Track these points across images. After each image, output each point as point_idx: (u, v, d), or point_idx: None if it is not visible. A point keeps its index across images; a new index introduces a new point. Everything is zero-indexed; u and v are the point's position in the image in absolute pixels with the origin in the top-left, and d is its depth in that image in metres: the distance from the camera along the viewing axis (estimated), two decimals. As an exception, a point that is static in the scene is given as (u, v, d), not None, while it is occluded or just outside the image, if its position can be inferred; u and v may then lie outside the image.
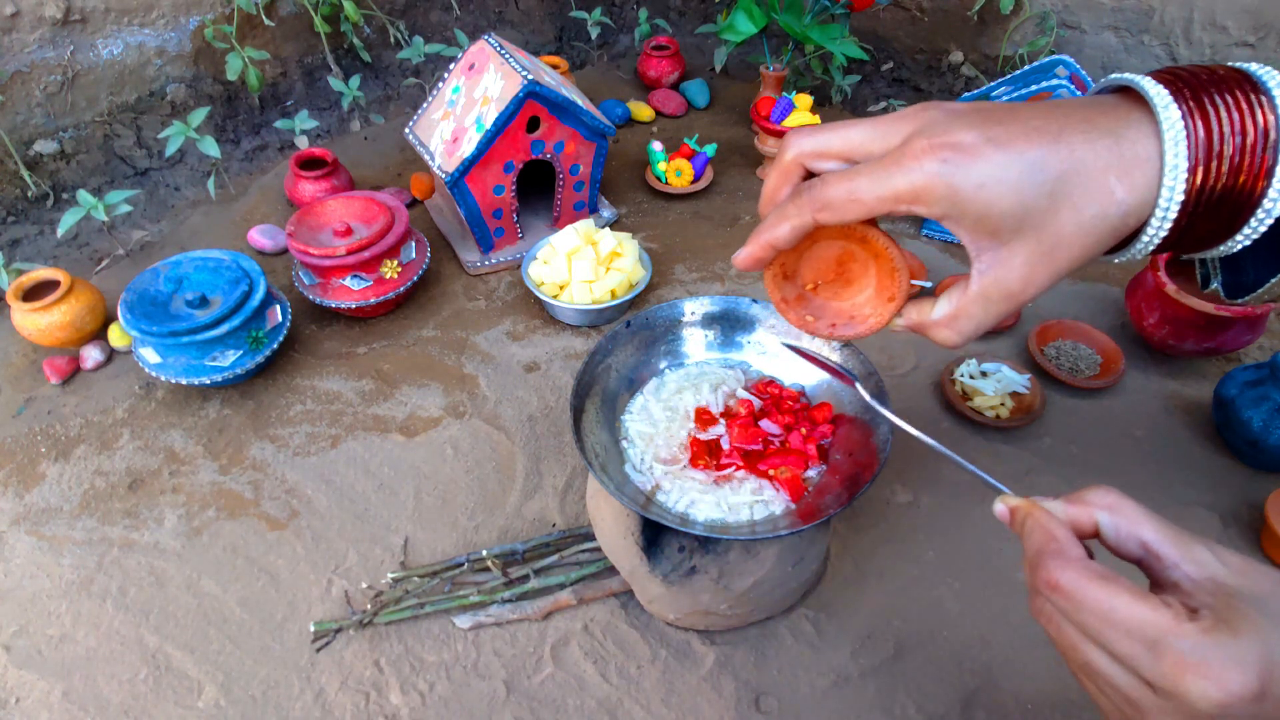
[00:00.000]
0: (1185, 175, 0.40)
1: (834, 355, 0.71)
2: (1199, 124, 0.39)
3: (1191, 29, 1.18)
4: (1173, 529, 0.37)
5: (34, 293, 0.94)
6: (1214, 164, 0.40)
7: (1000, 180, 0.40)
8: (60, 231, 1.02)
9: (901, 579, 0.73)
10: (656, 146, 1.24)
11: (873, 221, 0.45)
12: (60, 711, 0.65)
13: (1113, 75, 0.43)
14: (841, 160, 0.45)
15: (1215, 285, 0.49)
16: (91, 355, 0.95)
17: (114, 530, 0.79)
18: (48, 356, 0.95)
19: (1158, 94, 0.40)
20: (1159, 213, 0.41)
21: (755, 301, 0.76)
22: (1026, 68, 1.07)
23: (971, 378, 0.88)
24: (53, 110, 1.15)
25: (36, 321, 0.91)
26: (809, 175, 0.46)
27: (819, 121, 1.18)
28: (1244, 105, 0.40)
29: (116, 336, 0.96)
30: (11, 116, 1.11)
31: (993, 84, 1.09)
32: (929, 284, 0.83)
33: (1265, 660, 0.32)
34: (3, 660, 0.69)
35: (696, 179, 1.22)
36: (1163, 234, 0.42)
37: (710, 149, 1.24)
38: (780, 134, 1.18)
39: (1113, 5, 1.23)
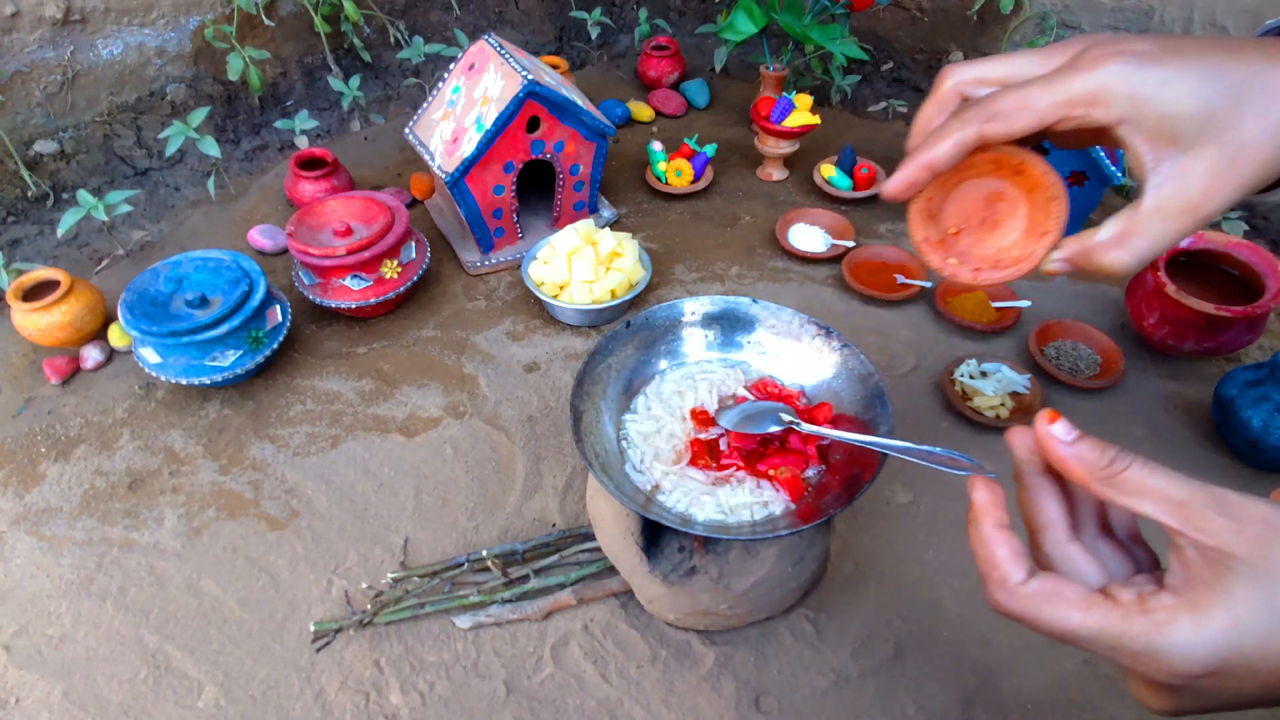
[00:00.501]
0: None
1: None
2: None
3: (1191, 29, 1.18)
4: (1180, 496, 0.36)
5: (34, 293, 0.94)
6: None
7: (1183, 80, 0.39)
8: (60, 231, 1.02)
9: (901, 579, 0.73)
10: (656, 146, 1.24)
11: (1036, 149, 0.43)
12: (60, 711, 0.65)
13: (1272, 20, 0.44)
14: (1003, 86, 0.42)
15: None
16: (91, 355, 0.95)
17: (114, 530, 0.79)
18: (48, 356, 0.95)
19: None
20: None
21: (755, 301, 0.76)
22: (1026, 68, 1.07)
23: (971, 378, 0.88)
24: (53, 110, 1.15)
25: (36, 321, 0.91)
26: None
27: (818, 121, 1.18)
28: None
29: (116, 336, 0.96)
30: (11, 116, 1.12)
31: (993, 84, 1.08)
32: (929, 284, 0.86)
33: (1224, 640, 0.32)
34: (3, 660, 0.69)
35: (696, 179, 1.22)
36: None
37: (710, 149, 1.24)
38: (780, 134, 1.18)
39: (1113, 5, 1.23)
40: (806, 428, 0.66)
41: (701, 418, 0.71)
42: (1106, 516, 0.42)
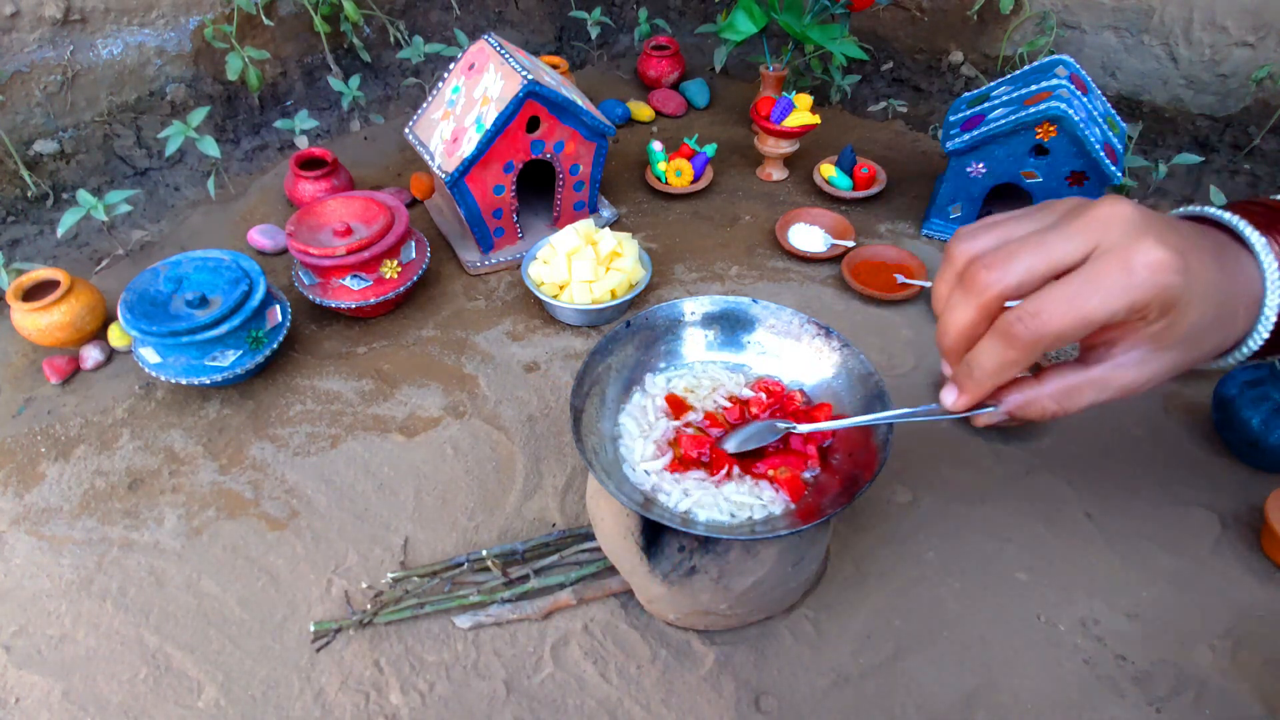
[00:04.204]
0: (1276, 311, 0.45)
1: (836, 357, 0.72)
2: None
3: (1191, 29, 1.18)
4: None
5: (34, 293, 0.94)
6: None
7: (1203, 297, 0.42)
8: (60, 231, 1.02)
9: (901, 579, 0.73)
10: (656, 146, 1.24)
11: None
12: (60, 711, 0.65)
13: (1206, 209, 0.47)
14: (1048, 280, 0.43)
15: None
16: (91, 355, 0.95)
17: (114, 530, 0.79)
18: (47, 356, 0.95)
19: (1252, 234, 0.45)
20: (1249, 340, 0.46)
21: (755, 301, 0.76)
22: (1026, 68, 1.07)
23: None
24: (53, 110, 1.15)
25: (36, 321, 0.91)
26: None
27: (818, 121, 1.18)
28: None
29: (116, 336, 0.96)
30: (11, 116, 1.11)
31: (993, 84, 1.09)
32: (928, 284, 0.87)
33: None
34: (3, 660, 0.69)
35: (696, 179, 1.22)
36: (1246, 355, 0.47)
37: (710, 149, 1.24)
38: (780, 134, 1.18)
39: (1113, 5, 1.23)
40: (803, 428, 0.67)
41: (675, 403, 0.71)
42: None
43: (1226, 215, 0.46)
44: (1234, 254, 0.45)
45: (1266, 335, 0.45)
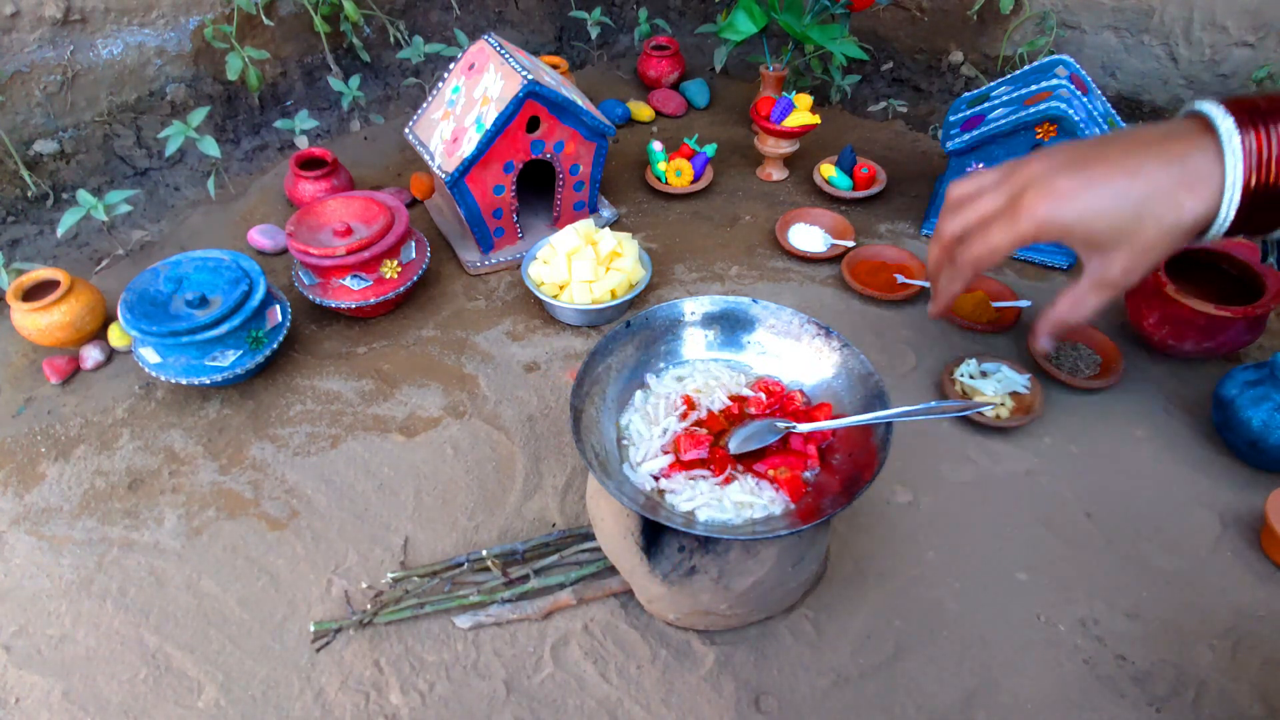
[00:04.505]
0: (1240, 185, 0.53)
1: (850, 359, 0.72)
2: (1253, 140, 0.52)
3: (1191, 29, 1.18)
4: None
5: (34, 293, 0.94)
6: (1264, 173, 0.52)
7: (1096, 210, 0.57)
8: (60, 231, 1.02)
9: (901, 579, 0.73)
10: (656, 146, 1.24)
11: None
12: (60, 711, 0.65)
13: (1192, 104, 0.57)
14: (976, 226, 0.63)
15: (1271, 260, 0.66)
16: (91, 355, 0.95)
17: (114, 530, 0.79)
18: (48, 356, 0.95)
19: (1222, 121, 0.53)
20: (1220, 215, 0.54)
21: (755, 301, 0.76)
22: (1026, 68, 1.07)
23: (971, 378, 0.88)
24: (53, 110, 1.15)
25: (36, 321, 0.91)
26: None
27: (818, 121, 1.18)
28: None
29: (116, 336, 0.96)
30: (11, 116, 1.11)
31: (993, 84, 1.09)
32: (928, 284, 0.87)
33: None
34: (3, 660, 0.69)
35: (696, 179, 1.22)
36: (1225, 228, 0.55)
37: (710, 149, 1.24)
38: (780, 134, 1.18)
39: (1113, 5, 1.23)
40: (803, 427, 0.67)
41: (687, 404, 0.72)
42: None
43: (1199, 104, 0.56)
44: (1183, 149, 0.55)
45: (1231, 211, 0.53)
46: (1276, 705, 0.64)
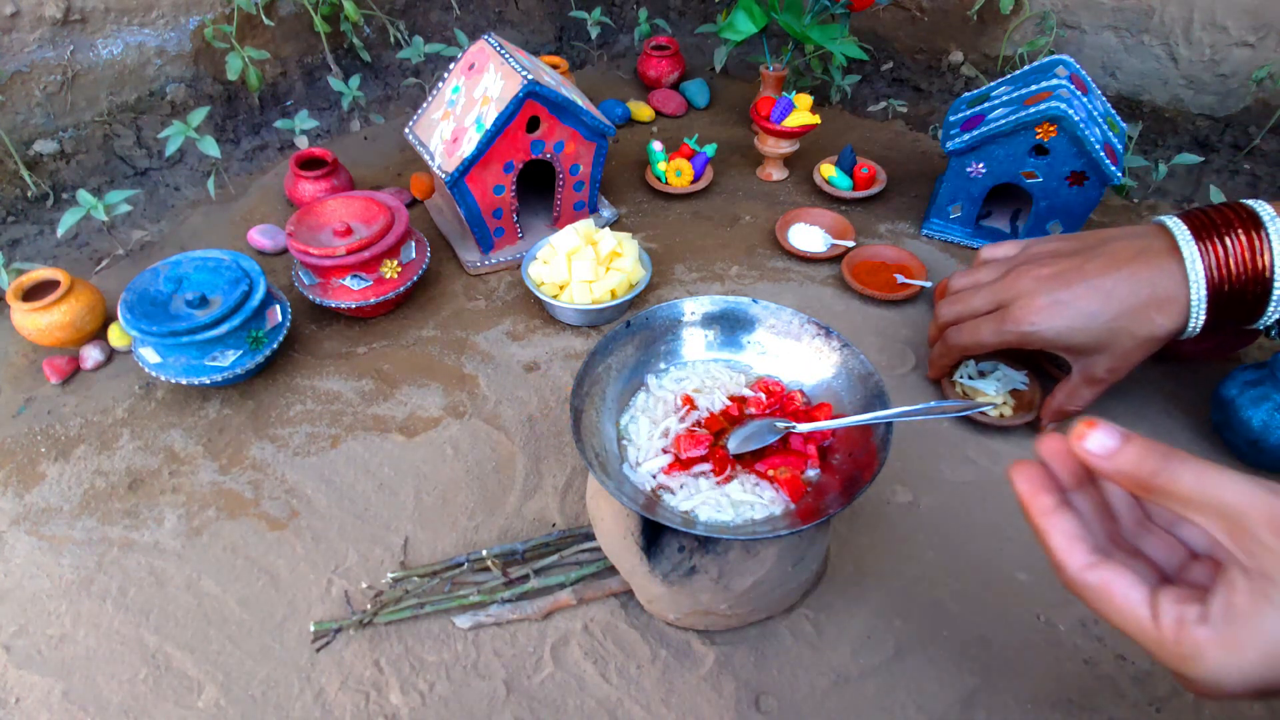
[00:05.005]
0: (1204, 304, 0.62)
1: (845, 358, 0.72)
2: (1209, 248, 0.60)
3: (1191, 29, 1.18)
4: (1236, 506, 0.34)
5: (34, 292, 0.94)
6: (1226, 287, 0.60)
7: (1075, 329, 0.68)
8: (60, 231, 1.02)
9: (901, 579, 0.73)
10: (656, 146, 1.24)
11: None
12: (60, 711, 0.65)
13: (1161, 218, 0.66)
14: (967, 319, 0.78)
15: (1275, 336, 0.69)
16: (91, 355, 0.95)
17: (114, 530, 0.79)
18: (48, 356, 0.95)
19: (1186, 246, 0.62)
20: (1189, 326, 0.64)
21: (756, 301, 0.76)
22: (1026, 68, 1.07)
23: (971, 378, 0.88)
24: (53, 110, 1.15)
25: (36, 321, 0.91)
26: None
27: (818, 121, 1.18)
28: (1248, 241, 0.60)
29: (116, 336, 0.96)
30: (11, 116, 1.12)
31: (993, 84, 1.09)
32: (928, 284, 0.87)
33: (1255, 673, 0.32)
34: (3, 660, 0.69)
35: (696, 179, 1.22)
36: (1197, 332, 0.65)
37: (710, 149, 1.24)
38: (780, 134, 1.18)
39: (1113, 5, 1.23)
40: (802, 427, 0.67)
41: (687, 404, 0.72)
42: (1115, 531, 0.42)
43: (1168, 220, 0.64)
44: (1152, 273, 0.63)
45: (1198, 325, 0.63)
46: (1277, 705, 0.64)
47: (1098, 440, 0.38)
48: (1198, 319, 0.61)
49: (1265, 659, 0.32)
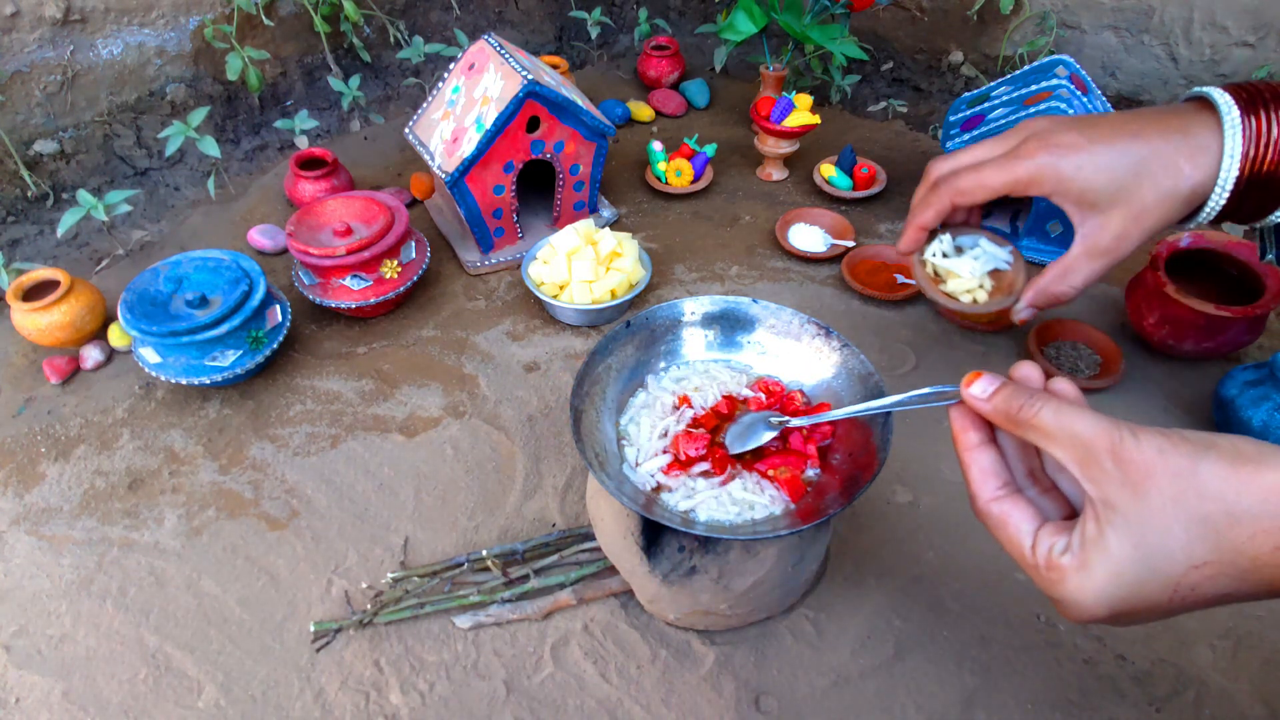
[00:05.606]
0: (1238, 160, 0.53)
1: (836, 356, 0.72)
2: (1253, 122, 0.53)
3: (1191, 29, 1.18)
4: (1085, 439, 0.38)
5: (34, 292, 0.94)
6: (1262, 152, 0.53)
7: (1095, 164, 0.56)
8: (60, 231, 1.02)
9: (901, 579, 0.73)
10: (656, 146, 1.24)
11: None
12: (60, 711, 0.65)
13: (1193, 89, 0.58)
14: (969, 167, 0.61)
15: (1270, 257, 0.62)
16: (91, 355, 0.95)
17: (114, 530, 0.79)
18: (48, 356, 0.95)
19: (1223, 99, 0.54)
20: (1218, 187, 0.55)
21: (755, 301, 0.76)
22: (1026, 68, 1.07)
23: (946, 255, 0.71)
24: (53, 110, 1.15)
25: (36, 321, 0.91)
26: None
27: (818, 121, 1.18)
28: None
29: (116, 336, 0.96)
30: (11, 116, 1.12)
31: (993, 84, 1.09)
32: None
33: (1105, 594, 0.37)
34: (3, 660, 0.69)
35: (696, 179, 1.22)
36: (1221, 203, 0.55)
37: (710, 149, 1.24)
38: (780, 134, 1.18)
39: (1113, 5, 1.23)
40: (797, 421, 0.66)
41: (686, 403, 0.72)
42: (1038, 466, 0.46)
43: (1201, 89, 0.57)
44: (1184, 122, 0.56)
45: (1229, 181, 0.54)
46: (1276, 705, 0.64)
47: (979, 386, 0.44)
48: (1228, 177, 0.54)
49: (1111, 578, 0.36)
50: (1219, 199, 0.55)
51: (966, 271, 0.69)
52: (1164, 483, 0.35)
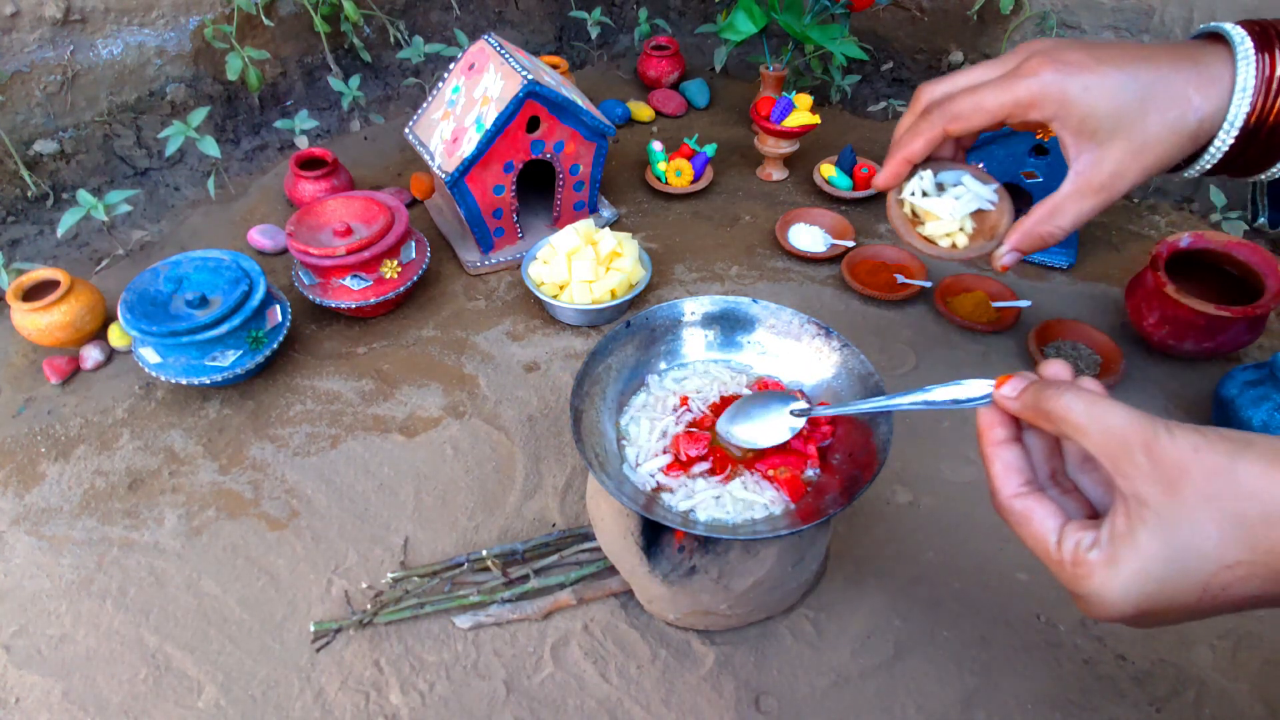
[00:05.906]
0: (1250, 95, 0.49)
1: (834, 355, 0.72)
2: (1267, 58, 0.49)
3: (1191, 29, 1.18)
4: (1117, 433, 0.37)
5: (34, 293, 0.94)
6: (1273, 94, 0.49)
7: (1102, 86, 0.51)
8: (60, 231, 1.02)
9: (901, 579, 0.73)
10: (656, 146, 1.24)
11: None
12: (60, 711, 0.65)
13: (1204, 24, 0.54)
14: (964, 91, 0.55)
15: (1263, 219, 0.60)
16: (91, 355, 0.95)
17: (114, 530, 0.79)
18: (48, 356, 0.95)
19: (1237, 33, 0.50)
20: (1226, 123, 0.50)
21: (755, 301, 0.76)
22: (1026, 68, 1.07)
23: (925, 194, 0.64)
24: (53, 110, 1.15)
25: (36, 321, 0.91)
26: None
27: (818, 121, 1.18)
28: None
29: (116, 336, 0.96)
30: (11, 116, 1.11)
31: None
32: (928, 284, 0.86)
33: (1133, 591, 0.35)
34: (3, 660, 0.69)
35: (696, 179, 1.22)
36: (1226, 145, 0.51)
37: (710, 149, 1.24)
38: (780, 134, 1.18)
39: (1113, 5, 1.23)
40: (819, 410, 0.64)
41: (686, 403, 0.72)
42: (1060, 469, 0.45)
43: (1214, 24, 0.53)
44: (1196, 53, 0.51)
45: (1239, 118, 0.50)
46: (1276, 705, 0.64)
47: (1010, 386, 0.42)
48: (1237, 111, 0.50)
49: (1140, 575, 0.35)
50: (1225, 139, 0.51)
51: (946, 213, 0.62)
52: (1199, 480, 0.34)
